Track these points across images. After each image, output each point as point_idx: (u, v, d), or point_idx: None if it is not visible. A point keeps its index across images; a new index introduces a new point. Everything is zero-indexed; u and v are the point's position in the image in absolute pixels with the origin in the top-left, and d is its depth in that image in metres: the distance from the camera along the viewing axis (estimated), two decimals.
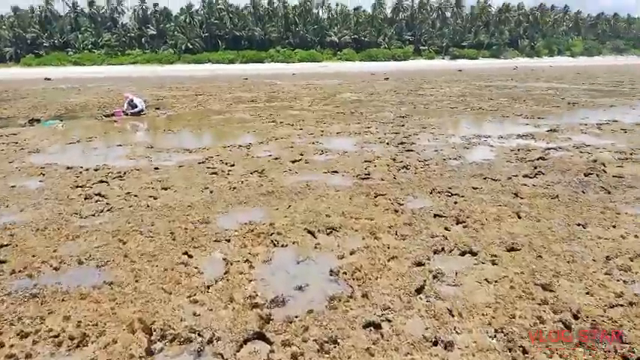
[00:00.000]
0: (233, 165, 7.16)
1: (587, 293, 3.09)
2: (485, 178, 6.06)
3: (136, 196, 5.52)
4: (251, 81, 39.14)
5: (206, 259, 3.79)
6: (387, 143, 8.82)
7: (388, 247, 3.85)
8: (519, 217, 4.56)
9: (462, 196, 5.25)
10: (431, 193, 5.44)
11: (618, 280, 3.27)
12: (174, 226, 4.47)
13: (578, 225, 4.33)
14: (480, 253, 3.75)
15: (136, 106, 14.53)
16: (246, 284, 3.31)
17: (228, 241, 4.11)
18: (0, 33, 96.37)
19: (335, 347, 2.56)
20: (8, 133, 11.05)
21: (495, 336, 2.65)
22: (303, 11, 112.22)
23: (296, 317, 2.85)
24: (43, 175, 6.71)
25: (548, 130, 10.13)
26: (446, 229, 4.31)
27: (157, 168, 6.90)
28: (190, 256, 3.81)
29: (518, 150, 8.05)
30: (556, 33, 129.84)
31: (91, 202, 5.31)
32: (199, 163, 7.32)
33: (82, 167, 7.18)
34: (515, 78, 36.60)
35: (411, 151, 8.03)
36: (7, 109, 17.28)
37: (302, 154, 7.89)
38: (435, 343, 2.58)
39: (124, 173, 6.65)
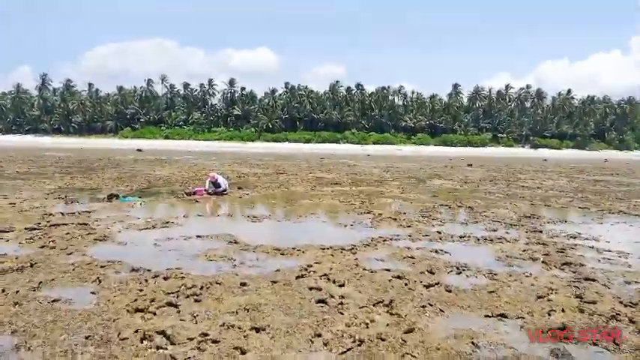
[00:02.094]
0: (343, 285, 5.17)
1: None
2: None
3: (216, 342, 3.63)
4: (328, 161, 38.57)
5: None
6: (545, 262, 6.44)
7: None
8: None
9: None
10: None
11: None
12: None
13: None
14: None
15: (220, 186, 13.47)
16: None
17: None
18: (105, 108, 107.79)
19: None
20: (82, 210, 10.08)
21: None
22: (380, 98, 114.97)
23: None
24: (100, 281, 5.13)
25: None
26: None
27: (243, 284, 5.07)
28: None
29: None
30: None
31: (149, 349, 3.49)
32: (297, 277, 5.42)
33: (149, 270, 5.57)
34: (619, 172, 32.59)
35: (593, 281, 5.59)
36: (93, 180, 17.10)
37: (433, 272, 5.76)
38: None
39: (201, 288, 4.89)
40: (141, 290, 4.82)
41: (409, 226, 9.11)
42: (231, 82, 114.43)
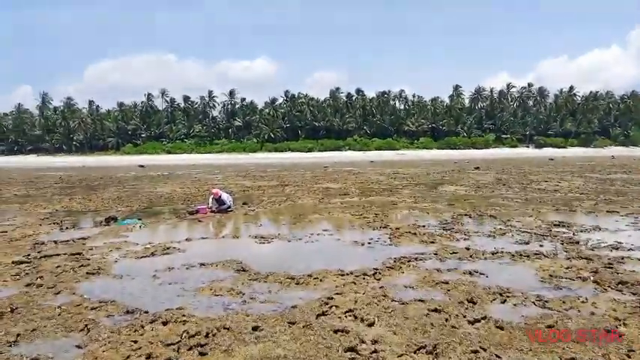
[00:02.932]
0: (373, 324, 4.41)
1: None
2: None
3: None
4: (332, 169, 37.83)
5: None
6: (597, 282, 5.63)
7: None
8: None
9: None
10: None
11: None
12: None
13: None
14: None
15: (224, 203, 12.74)
16: None
17: None
18: (106, 125, 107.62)
19: None
20: (77, 237, 9.36)
21: None
22: (381, 103, 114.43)
23: None
24: (88, 330, 4.39)
25: None
26: None
27: (255, 328, 4.31)
28: None
29: None
30: None
31: None
32: (318, 315, 4.65)
33: (147, 312, 4.82)
34: (631, 169, 31.57)
35: None
36: (92, 201, 16.41)
37: (474, 302, 4.98)
38: None
39: (207, 336, 4.13)
40: (135, 342, 4.06)
41: (432, 242, 8.33)
42: (232, 94, 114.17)
